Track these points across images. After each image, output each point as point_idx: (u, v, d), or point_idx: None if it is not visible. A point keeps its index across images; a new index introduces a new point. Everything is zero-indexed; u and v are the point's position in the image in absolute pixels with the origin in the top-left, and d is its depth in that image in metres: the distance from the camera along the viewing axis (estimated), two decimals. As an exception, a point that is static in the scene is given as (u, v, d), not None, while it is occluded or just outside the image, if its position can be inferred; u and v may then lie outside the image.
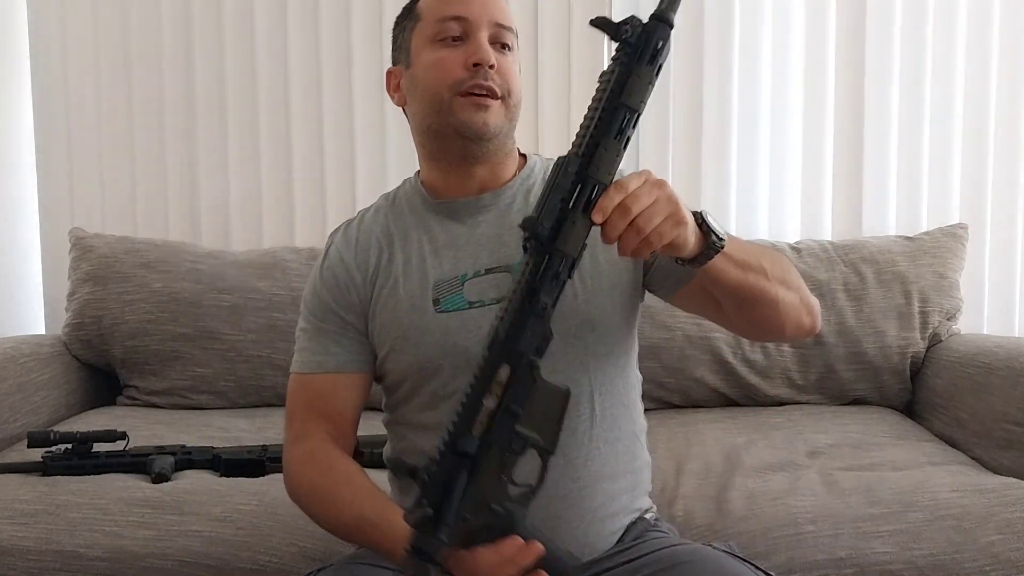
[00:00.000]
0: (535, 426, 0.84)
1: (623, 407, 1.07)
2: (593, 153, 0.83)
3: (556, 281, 0.83)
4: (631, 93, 0.83)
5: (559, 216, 0.83)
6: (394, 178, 2.22)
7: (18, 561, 1.27)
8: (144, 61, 2.27)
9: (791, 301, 0.99)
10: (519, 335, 0.83)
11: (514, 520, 0.84)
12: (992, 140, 2.14)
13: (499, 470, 0.84)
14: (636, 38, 0.83)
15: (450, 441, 0.84)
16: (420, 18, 1.06)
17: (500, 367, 0.84)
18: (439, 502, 0.82)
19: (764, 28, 2.15)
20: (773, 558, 1.23)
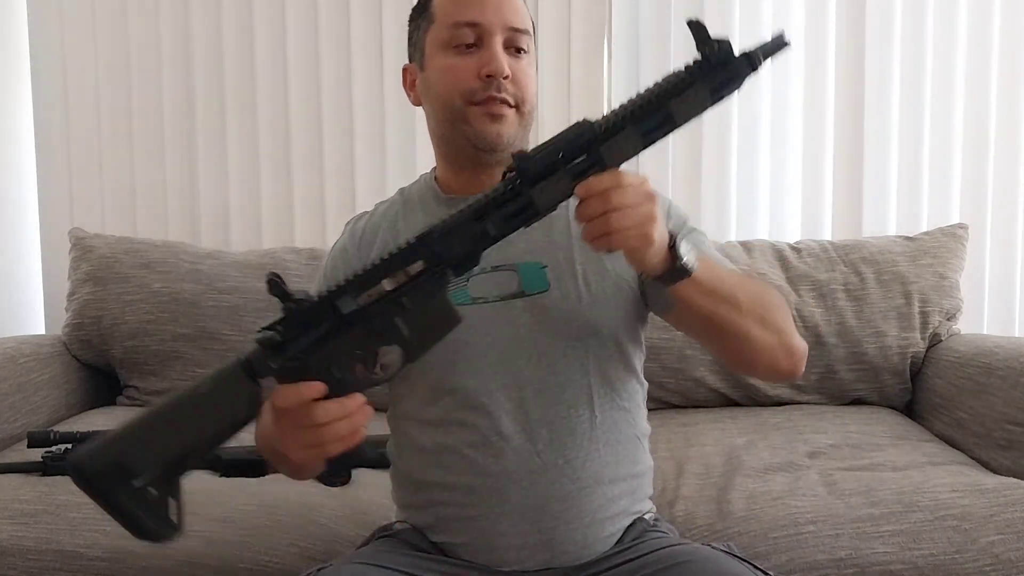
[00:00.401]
0: (415, 329, 0.84)
1: (624, 411, 1.07)
2: (615, 134, 0.82)
3: (510, 220, 0.83)
4: (681, 104, 0.81)
5: (550, 168, 0.82)
6: (394, 178, 2.22)
7: (18, 561, 1.27)
8: (144, 61, 2.28)
9: (765, 341, 0.96)
10: (448, 243, 0.83)
11: (349, 388, 0.84)
12: (992, 140, 2.15)
13: (359, 345, 0.84)
14: (717, 60, 0.82)
15: (333, 294, 0.83)
16: (433, 19, 1.05)
17: (416, 261, 0.83)
18: (291, 336, 0.83)
19: (764, 28, 2.15)
20: (773, 558, 1.23)
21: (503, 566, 1.02)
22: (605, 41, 2.16)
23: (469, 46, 1.02)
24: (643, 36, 2.20)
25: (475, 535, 1.02)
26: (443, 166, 1.12)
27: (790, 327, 1.00)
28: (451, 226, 0.83)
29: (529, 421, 1.02)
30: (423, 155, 2.22)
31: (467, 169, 1.08)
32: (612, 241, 0.82)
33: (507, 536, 1.01)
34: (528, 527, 1.01)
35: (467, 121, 1.02)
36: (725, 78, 0.82)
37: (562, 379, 1.02)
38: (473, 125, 1.02)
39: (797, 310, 1.89)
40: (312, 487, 1.41)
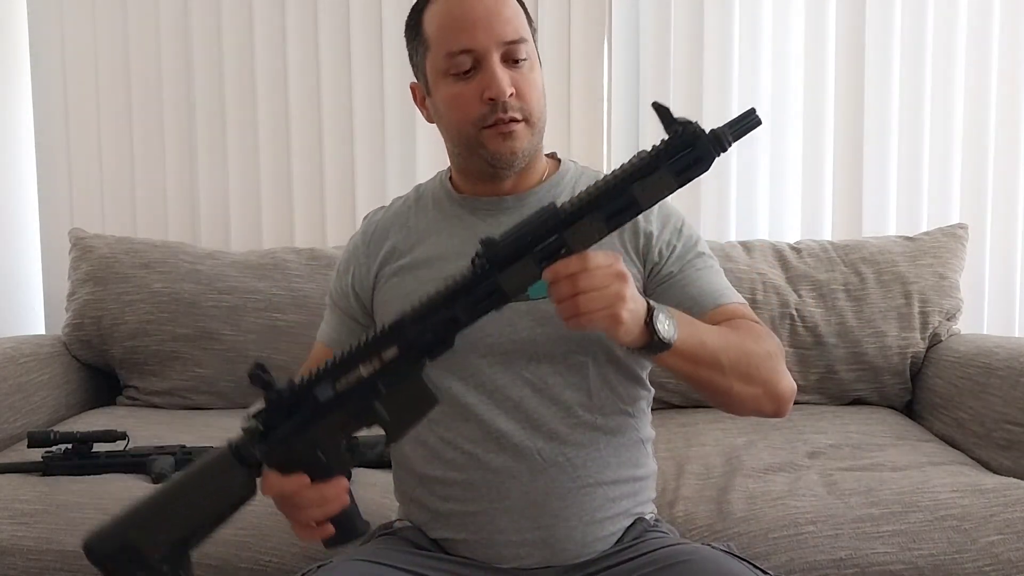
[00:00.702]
0: (394, 411, 0.87)
1: (627, 416, 1.07)
2: (579, 219, 0.83)
3: (479, 305, 0.85)
4: (644, 188, 0.82)
5: (517, 253, 0.84)
6: (394, 179, 2.23)
7: (18, 561, 1.27)
8: (144, 61, 2.28)
9: (748, 393, 0.98)
10: (420, 329, 0.85)
11: (331, 471, 0.88)
12: (992, 140, 2.14)
13: (341, 428, 0.87)
14: (680, 141, 0.82)
15: (311, 381, 0.87)
16: (429, 47, 1.04)
17: (391, 347, 0.86)
18: (275, 424, 0.87)
19: (764, 28, 2.15)
20: (773, 559, 1.23)
21: (502, 563, 1.02)
22: (605, 41, 2.16)
23: (467, 72, 1.02)
24: (643, 36, 2.20)
25: (475, 531, 1.03)
26: (458, 174, 1.13)
27: (778, 375, 1.01)
28: (421, 313, 0.86)
29: (530, 420, 1.02)
30: (423, 155, 2.22)
31: (483, 180, 1.09)
32: (582, 322, 0.84)
33: (507, 533, 1.02)
34: (527, 524, 1.01)
35: (482, 144, 1.03)
36: (691, 161, 0.82)
37: (562, 381, 1.03)
38: (488, 147, 1.03)
39: (797, 310, 1.89)
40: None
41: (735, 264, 1.91)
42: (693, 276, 1.07)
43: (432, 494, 1.06)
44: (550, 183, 1.11)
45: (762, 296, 1.89)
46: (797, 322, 1.89)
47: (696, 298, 1.05)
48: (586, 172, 1.15)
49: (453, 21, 1.01)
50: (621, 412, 1.06)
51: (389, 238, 1.13)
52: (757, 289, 1.89)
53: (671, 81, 2.17)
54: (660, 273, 1.07)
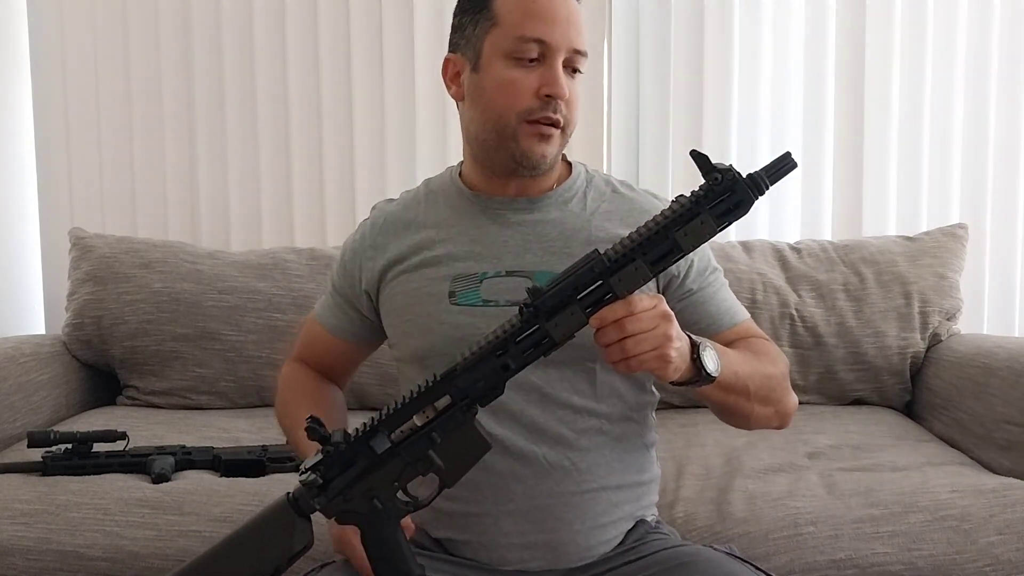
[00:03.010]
0: (448, 458, 0.90)
1: (633, 422, 1.07)
2: (624, 266, 0.85)
3: (529, 352, 0.88)
4: (687, 233, 0.84)
5: (564, 301, 0.86)
6: (394, 179, 2.23)
7: (18, 561, 1.27)
8: (144, 61, 2.28)
9: (763, 415, 1.03)
10: (472, 379, 0.88)
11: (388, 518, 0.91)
12: (992, 140, 2.15)
13: (397, 477, 0.90)
14: (721, 188, 0.84)
15: (367, 434, 0.90)
16: (497, 23, 1.01)
17: (443, 396, 0.89)
18: (332, 475, 0.90)
19: (764, 28, 2.15)
20: (773, 560, 1.23)
21: (505, 565, 1.02)
22: (605, 42, 2.16)
23: (531, 60, 1.01)
24: (643, 36, 2.20)
25: (478, 533, 1.03)
26: (472, 167, 1.11)
27: (787, 393, 1.06)
28: (472, 362, 0.88)
29: (536, 423, 1.02)
30: (423, 155, 2.22)
31: (498, 176, 1.08)
32: (631, 365, 0.86)
33: (510, 535, 1.02)
34: (531, 527, 1.01)
35: (516, 138, 1.02)
36: (731, 205, 0.84)
37: (569, 386, 1.03)
38: (521, 143, 1.02)
39: (797, 310, 1.89)
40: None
41: (735, 264, 1.91)
42: (711, 294, 1.09)
43: None
44: (562, 188, 1.10)
45: (762, 296, 1.89)
46: (797, 322, 1.89)
47: (715, 316, 1.08)
48: (596, 176, 1.14)
49: (537, 9, 1.01)
50: (627, 418, 1.06)
51: (397, 233, 1.12)
52: (757, 289, 1.89)
53: (671, 82, 2.17)
54: (681, 288, 1.07)
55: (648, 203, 1.11)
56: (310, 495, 0.90)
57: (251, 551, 0.91)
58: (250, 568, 0.91)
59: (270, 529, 0.92)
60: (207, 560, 0.92)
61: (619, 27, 2.19)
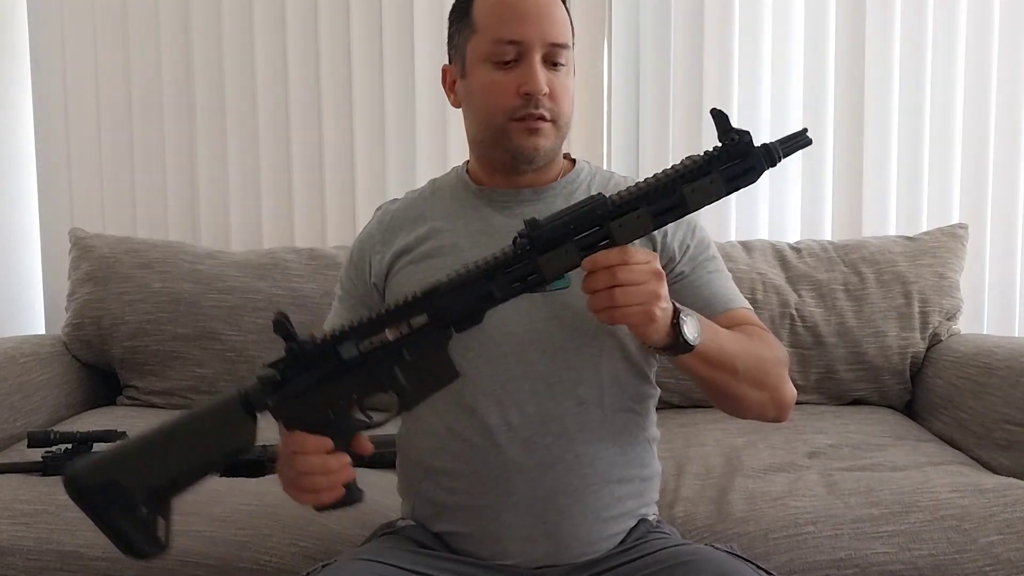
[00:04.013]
0: (413, 380, 0.87)
1: (635, 413, 1.07)
2: (626, 213, 0.84)
3: (515, 285, 0.86)
4: (695, 190, 0.83)
5: (560, 238, 0.84)
6: (394, 178, 2.23)
7: (18, 561, 1.27)
8: (144, 61, 2.28)
9: (756, 399, 1.01)
10: (453, 300, 0.86)
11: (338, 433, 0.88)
12: (992, 140, 2.14)
13: (356, 389, 0.88)
14: (735, 150, 0.82)
15: (336, 338, 0.87)
16: (476, 31, 1.06)
17: (420, 314, 0.86)
18: (291, 376, 0.87)
19: (764, 27, 2.15)
20: (773, 559, 1.23)
21: (507, 558, 1.02)
22: (605, 41, 2.16)
23: (508, 62, 1.03)
24: (643, 36, 2.20)
25: (480, 525, 1.03)
26: (477, 165, 1.14)
27: (784, 382, 1.04)
28: (457, 284, 0.86)
29: (540, 414, 1.02)
30: (423, 155, 2.22)
31: (502, 172, 1.10)
32: (615, 316, 0.85)
33: (512, 528, 1.02)
34: (533, 520, 1.01)
35: (508, 137, 1.04)
36: (742, 170, 0.83)
37: (575, 375, 1.03)
38: (513, 140, 1.04)
39: (797, 310, 1.89)
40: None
41: (735, 264, 1.91)
42: (705, 278, 1.08)
43: (438, 486, 1.06)
44: (566, 179, 1.12)
45: (762, 296, 1.89)
46: (797, 322, 1.89)
47: (708, 300, 1.07)
48: (599, 172, 1.16)
49: (507, 10, 1.03)
50: (630, 410, 1.07)
51: (404, 227, 1.14)
52: (757, 289, 1.89)
53: (671, 81, 2.17)
54: (673, 272, 1.08)
55: None
56: (264, 392, 0.87)
57: (187, 443, 0.88)
58: (186, 457, 0.88)
59: (213, 421, 0.88)
60: (137, 448, 0.88)
61: (619, 26, 2.19)
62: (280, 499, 1.33)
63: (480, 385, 1.03)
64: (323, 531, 1.29)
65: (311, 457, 0.88)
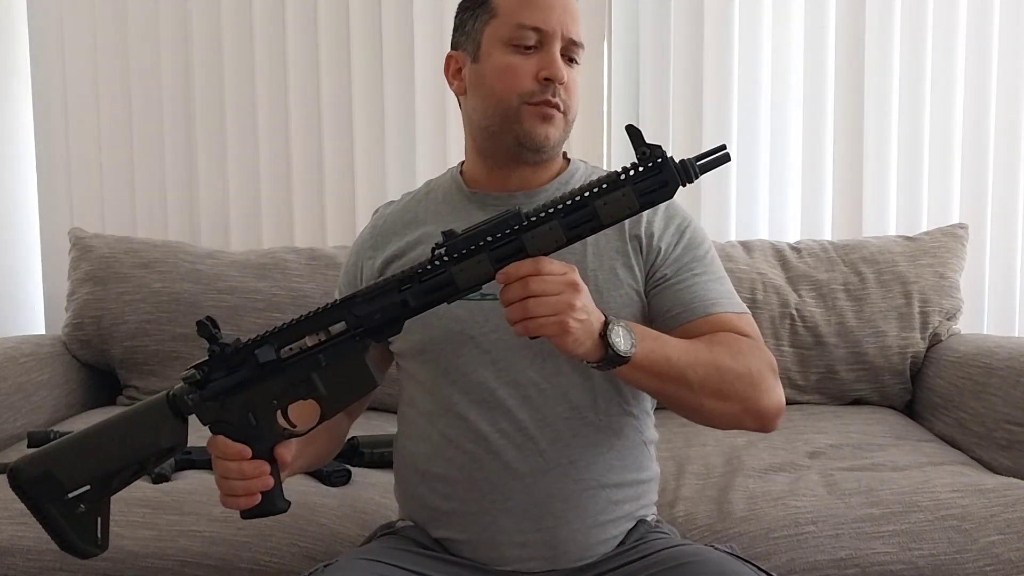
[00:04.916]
0: (331, 387, 0.88)
1: (631, 417, 1.07)
2: (539, 225, 0.84)
3: (430, 294, 0.87)
4: (607, 203, 0.83)
5: (475, 249, 0.85)
6: (394, 178, 2.22)
7: (18, 561, 1.27)
8: (143, 61, 2.28)
9: (721, 411, 0.97)
10: (370, 309, 0.87)
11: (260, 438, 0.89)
12: (992, 140, 2.15)
13: (277, 395, 0.89)
14: (645, 168, 0.82)
15: (255, 342, 0.89)
16: (496, 15, 1.05)
17: (339, 321, 0.88)
18: (214, 377, 0.89)
19: (764, 26, 2.15)
20: (774, 559, 1.23)
21: (504, 564, 1.02)
22: (605, 41, 2.16)
23: (528, 47, 1.04)
24: (643, 36, 2.20)
25: (477, 531, 1.03)
26: (475, 160, 1.12)
27: (759, 391, 0.98)
28: (373, 293, 0.87)
29: (533, 420, 1.02)
30: (423, 155, 2.22)
31: (501, 167, 1.09)
32: (529, 327, 0.85)
33: (509, 534, 1.02)
34: (529, 525, 1.01)
35: (519, 120, 1.04)
36: (655, 184, 0.82)
37: (565, 381, 1.03)
38: (524, 124, 1.04)
39: (797, 310, 1.89)
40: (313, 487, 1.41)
41: (735, 264, 1.91)
42: (689, 281, 1.06)
43: (434, 492, 1.06)
44: (559, 181, 1.11)
45: (762, 296, 1.89)
46: (797, 322, 1.89)
47: (687, 303, 1.04)
48: (595, 172, 1.15)
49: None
50: (625, 413, 1.06)
51: (397, 232, 1.14)
52: (757, 289, 1.89)
53: (671, 81, 2.17)
54: (655, 276, 1.06)
55: None
56: (188, 393, 0.89)
57: (120, 442, 0.90)
58: (116, 456, 0.90)
59: (143, 421, 0.91)
60: (73, 444, 0.91)
61: (619, 25, 2.19)
62: (280, 499, 1.34)
63: (470, 393, 1.03)
64: (323, 531, 1.29)
65: (228, 462, 0.89)
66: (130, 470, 0.90)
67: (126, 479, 0.91)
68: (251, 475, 0.89)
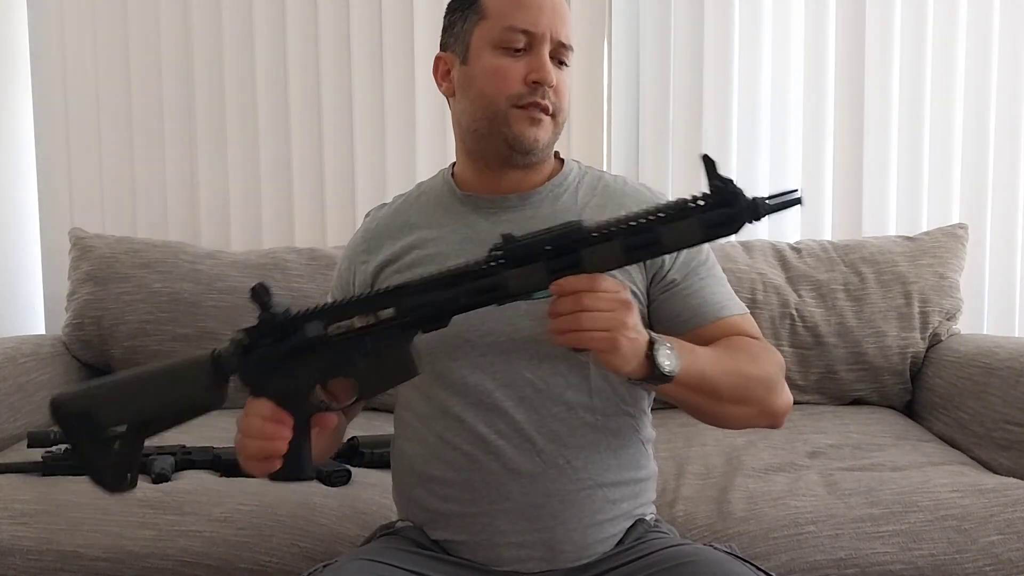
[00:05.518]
0: (372, 370, 0.89)
1: (628, 416, 1.07)
2: (600, 242, 0.84)
3: (481, 295, 0.87)
4: (670, 232, 0.82)
5: (531, 256, 0.85)
6: (394, 178, 2.23)
7: (18, 561, 1.27)
8: (144, 61, 2.28)
9: (740, 415, 1.01)
10: (420, 300, 0.88)
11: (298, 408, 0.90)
12: (992, 140, 2.15)
13: (319, 370, 0.90)
14: (716, 200, 0.81)
15: (305, 316, 0.90)
16: (486, 16, 1.05)
17: (388, 307, 0.88)
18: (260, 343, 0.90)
19: (764, 27, 2.15)
20: (774, 559, 1.23)
21: (503, 565, 1.02)
22: (605, 41, 2.16)
23: (518, 50, 1.04)
24: (643, 36, 2.20)
25: (475, 532, 1.03)
26: (465, 163, 1.12)
27: (774, 393, 1.03)
28: (427, 284, 0.88)
29: (530, 421, 1.02)
30: (423, 155, 2.22)
31: (491, 169, 1.09)
32: (579, 339, 0.85)
33: (507, 534, 1.01)
34: (527, 526, 1.01)
35: (508, 123, 1.04)
36: (722, 218, 0.81)
37: (562, 381, 1.03)
38: (513, 127, 1.04)
39: (797, 310, 1.89)
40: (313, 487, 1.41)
41: (735, 264, 1.91)
42: (697, 285, 1.07)
43: (432, 494, 1.06)
44: (553, 183, 1.11)
45: (762, 296, 1.89)
46: (797, 322, 1.89)
47: (696, 309, 1.06)
48: (589, 172, 1.15)
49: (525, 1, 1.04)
50: (622, 412, 1.06)
51: (391, 235, 1.14)
52: (757, 289, 1.89)
53: (671, 81, 2.17)
54: (663, 280, 1.07)
55: (641, 196, 1.12)
56: (233, 354, 0.90)
57: (161, 392, 0.92)
58: (153, 406, 0.92)
59: (185, 376, 0.93)
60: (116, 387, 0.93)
61: (619, 25, 2.19)
62: (280, 499, 1.34)
63: (467, 395, 1.03)
64: (323, 531, 1.29)
65: (252, 419, 0.90)
66: (166, 420, 0.93)
67: (161, 428, 0.93)
68: (269, 435, 0.89)
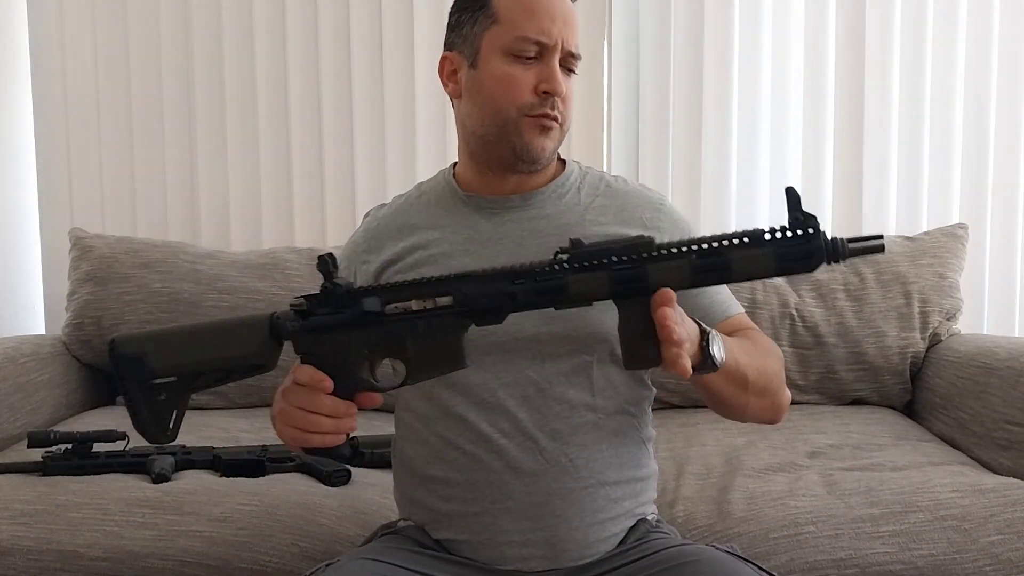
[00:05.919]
0: (421, 355, 0.90)
1: (630, 415, 1.07)
2: (668, 259, 0.84)
3: (540, 296, 0.87)
4: (742, 259, 0.82)
5: (595, 264, 0.85)
6: (394, 178, 2.23)
7: (18, 561, 1.27)
8: (144, 61, 2.28)
9: (758, 407, 1.03)
10: (479, 291, 0.88)
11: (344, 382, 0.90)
12: (992, 140, 2.15)
13: (369, 347, 0.91)
14: (795, 236, 0.80)
15: (365, 291, 0.91)
16: (498, 21, 1.04)
17: (447, 295, 0.89)
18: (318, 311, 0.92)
19: (764, 27, 2.15)
20: (773, 559, 1.23)
21: (505, 564, 1.02)
22: (605, 42, 2.16)
23: (529, 58, 1.04)
24: (643, 36, 2.20)
25: (477, 532, 1.03)
26: (468, 164, 1.12)
27: (782, 387, 1.07)
28: (488, 277, 0.88)
29: (532, 419, 1.02)
30: (423, 155, 2.22)
31: (494, 173, 1.09)
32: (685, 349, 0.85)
33: (509, 533, 1.02)
34: (529, 525, 1.01)
35: (518, 132, 1.04)
36: (800, 254, 0.80)
37: (565, 381, 1.03)
38: (523, 136, 1.04)
39: (797, 310, 1.89)
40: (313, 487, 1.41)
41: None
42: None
43: (433, 494, 1.06)
44: (556, 183, 1.11)
45: (762, 296, 1.89)
46: (797, 322, 1.89)
47: (706, 308, 1.07)
48: (590, 172, 1.16)
49: (538, 10, 1.03)
50: (624, 412, 1.06)
51: (392, 236, 1.13)
52: (757, 289, 1.89)
53: (671, 81, 2.17)
54: None
55: (642, 197, 1.12)
56: (290, 319, 0.92)
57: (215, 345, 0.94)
58: (206, 359, 0.93)
59: (241, 333, 0.94)
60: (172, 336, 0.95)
61: (619, 26, 2.19)
62: (280, 499, 1.34)
63: (469, 395, 1.03)
64: (323, 531, 1.29)
65: (323, 397, 0.90)
66: (215, 375, 0.94)
67: (210, 383, 0.94)
68: (342, 414, 0.90)
